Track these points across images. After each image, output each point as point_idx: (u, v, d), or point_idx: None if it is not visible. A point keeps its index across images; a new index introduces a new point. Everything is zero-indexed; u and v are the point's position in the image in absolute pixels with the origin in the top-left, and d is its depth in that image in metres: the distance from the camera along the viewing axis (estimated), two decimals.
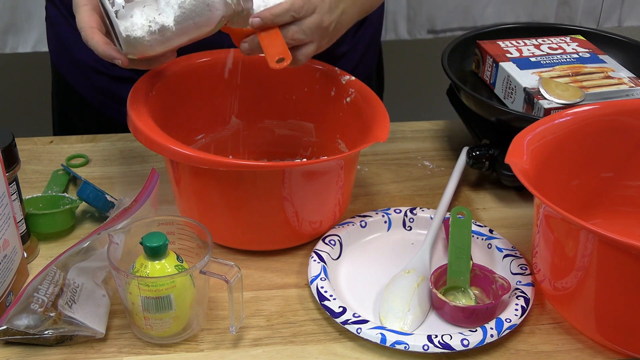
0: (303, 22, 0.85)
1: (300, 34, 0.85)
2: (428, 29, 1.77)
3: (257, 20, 0.83)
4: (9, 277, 0.81)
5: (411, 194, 1.03)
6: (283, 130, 1.05)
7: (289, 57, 0.84)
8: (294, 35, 0.85)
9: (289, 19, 0.84)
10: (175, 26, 0.82)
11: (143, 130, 0.84)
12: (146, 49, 0.82)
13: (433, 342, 0.76)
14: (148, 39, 0.81)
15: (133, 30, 0.80)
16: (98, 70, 1.13)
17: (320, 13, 0.85)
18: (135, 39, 0.81)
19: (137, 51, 0.82)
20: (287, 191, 0.85)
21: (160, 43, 0.82)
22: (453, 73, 1.06)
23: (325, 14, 0.86)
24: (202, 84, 1.00)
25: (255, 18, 0.83)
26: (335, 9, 0.87)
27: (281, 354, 0.78)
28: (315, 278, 0.84)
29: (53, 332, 0.77)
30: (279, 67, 0.83)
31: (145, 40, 0.81)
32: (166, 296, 0.75)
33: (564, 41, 1.14)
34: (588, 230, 0.71)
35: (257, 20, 0.83)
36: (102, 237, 0.80)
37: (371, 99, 0.95)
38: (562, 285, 0.79)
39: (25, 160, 1.07)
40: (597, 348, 0.79)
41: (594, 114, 0.89)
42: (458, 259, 0.85)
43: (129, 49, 0.82)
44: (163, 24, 0.81)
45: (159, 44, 0.82)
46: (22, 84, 1.89)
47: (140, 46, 0.82)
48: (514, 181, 0.94)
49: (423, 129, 1.18)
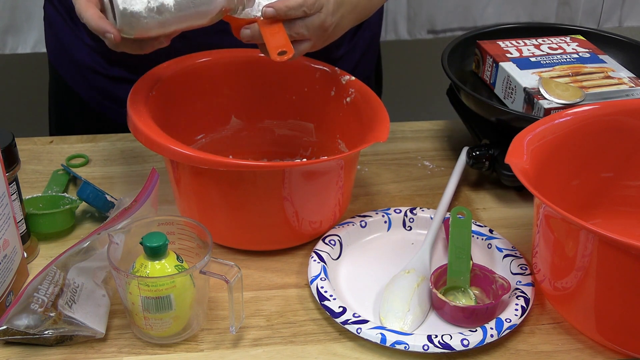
0: (309, 18, 0.85)
1: (304, 29, 0.85)
2: (428, 29, 1.77)
3: (271, 11, 0.83)
4: (9, 277, 0.81)
5: (411, 194, 1.03)
6: (283, 130, 1.05)
7: (292, 50, 0.83)
8: (299, 30, 0.85)
9: (300, 14, 0.84)
10: (174, 7, 0.80)
11: (143, 130, 0.84)
12: (141, 27, 0.80)
13: (433, 342, 0.76)
14: (145, 15, 0.79)
15: (132, 3, 0.78)
16: (95, 70, 1.12)
17: (325, 13, 0.86)
18: (132, 13, 0.78)
19: (132, 28, 0.80)
20: (287, 191, 0.85)
21: (157, 23, 0.80)
22: (453, 73, 1.06)
23: (329, 15, 0.86)
24: (202, 84, 1.00)
25: (269, 8, 0.83)
26: (336, 12, 0.88)
27: (281, 354, 0.78)
28: (315, 278, 0.84)
29: (53, 332, 0.77)
30: (280, 59, 0.83)
31: (142, 17, 0.79)
32: (166, 296, 0.75)
33: (564, 41, 1.14)
34: (588, 230, 0.71)
35: (271, 10, 0.82)
36: (102, 237, 0.80)
37: (371, 99, 0.95)
38: (562, 285, 0.79)
39: (25, 160, 1.07)
40: (597, 348, 0.79)
41: (594, 114, 0.89)
42: (458, 259, 0.85)
43: (124, 24, 0.79)
44: (163, 2, 0.79)
45: (156, 24, 0.80)
46: (22, 84, 1.89)
47: (135, 22, 0.79)
48: (514, 181, 0.94)
49: (423, 129, 1.18)
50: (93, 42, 1.10)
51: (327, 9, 0.86)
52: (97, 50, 1.10)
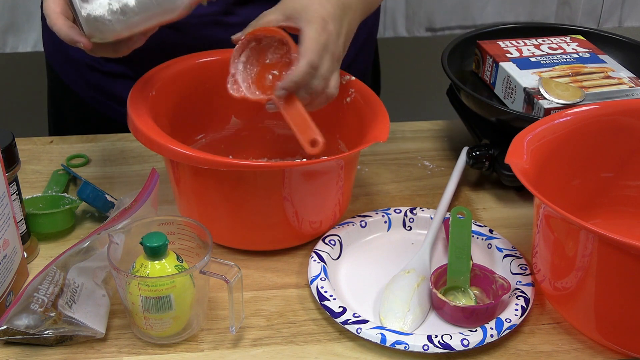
0: (320, 69, 0.83)
1: (322, 82, 0.84)
2: (426, 27, 1.77)
3: (283, 92, 0.84)
4: (9, 277, 0.81)
5: (411, 194, 1.03)
6: (283, 130, 1.04)
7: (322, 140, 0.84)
8: (318, 88, 0.84)
9: (309, 78, 0.83)
10: (137, 7, 0.79)
11: (143, 130, 0.84)
12: (108, 31, 0.79)
13: (433, 342, 0.76)
14: (109, 18, 0.78)
15: (93, 9, 0.78)
16: (91, 66, 1.12)
17: (331, 50, 0.84)
18: (96, 18, 0.78)
19: (99, 32, 0.79)
20: (287, 191, 0.85)
21: (124, 25, 0.80)
22: (453, 73, 1.06)
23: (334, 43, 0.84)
24: (202, 84, 0.99)
25: (280, 91, 0.83)
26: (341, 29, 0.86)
27: (281, 354, 0.78)
28: (315, 278, 0.84)
29: (53, 332, 0.77)
30: (314, 152, 0.84)
31: (106, 20, 0.79)
32: (166, 296, 0.75)
33: (564, 41, 1.14)
34: (588, 230, 0.71)
35: (283, 92, 0.84)
36: (102, 237, 0.80)
37: (371, 99, 0.95)
38: (562, 285, 0.79)
39: (25, 160, 1.07)
40: (597, 348, 0.79)
41: (594, 114, 0.89)
42: (458, 259, 0.85)
43: (91, 29, 0.79)
44: (125, 3, 0.79)
45: (122, 26, 0.80)
46: (22, 83, 1.89)
47: (101, 26, 0.79)
48: (514, 181, 0.94)
49: (423, 129, 1.18)
50: None
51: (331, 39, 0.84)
52: None
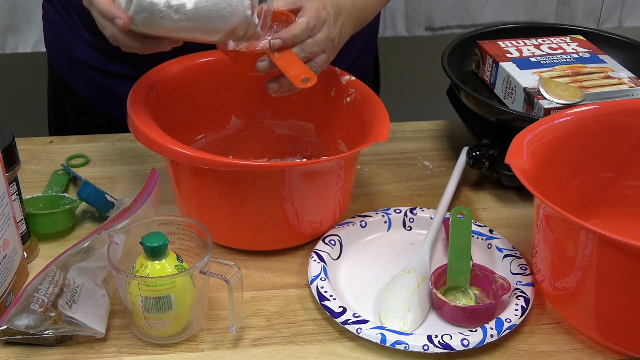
0: (316, 36, 0.87)
1: (315, 47, 0.86)
2: (426, 26, 1.77)
3: (278, 42, 0.84)
4: (9, 277, 0.81)
5: (411, 194, 1.03)
6: (283, 130, 1.05)
7: (314, 76, 0.84)
8: (312, 49, 0.86)
9: (306, 37, 0.86)
10: (192, 11, 0.78)
11: (143, 130, 0.84)
12: (153, 22, 0.78)
13: (433, 342, 0.76)
14: (162, 9, 0.77)
15: None
16: (94, 66, 1.12)
17: (327, 26, 0.88)
18: (151, 3, 0.77)
19: (144, 20, 0.78)
20: (287, 191, 0.85)
21: (171, 23, 0.78)
22: (453, 73, 1.06)
23: (331, 26, 0.88)
24: (202, 84, 1.00)
25: (276, 40, 0.84)
26: (336, 22, 0.90)
27: (281, 354, 0.78)
28: (315, 278, 0.84)
29: (53, 332, 0.77)
30: (304, 86, 0.83)
31: (158, 10, 0.77)
32: (166, 296, 0.75)
33: (564, 41, 1.14)
34: (588, 230, 0.71)
35: (278, 42, 0.84)
36: (102, 237, 0.80)
37: (371, 99, 0.95)
38: (562, 285, 0.79)
39: (25, 160, 1.07)
40: (597, 348, 0.79)
41: (594, 114, 0.89)
42: (458, 259, 0.85)
43: (138, 12, 0.77)
44: (183, 3, 0.78)
45: (169, 23, 0.78)
46: (22, 84, 1.89)
47: (150, 15, 0.77)
48: (514, 181, 0.94)
49: (423, 129, 1.18)
50: (92, 37, 1.10)
51: (329, 21, 0.88)
52: (96, 46, 1.11)
